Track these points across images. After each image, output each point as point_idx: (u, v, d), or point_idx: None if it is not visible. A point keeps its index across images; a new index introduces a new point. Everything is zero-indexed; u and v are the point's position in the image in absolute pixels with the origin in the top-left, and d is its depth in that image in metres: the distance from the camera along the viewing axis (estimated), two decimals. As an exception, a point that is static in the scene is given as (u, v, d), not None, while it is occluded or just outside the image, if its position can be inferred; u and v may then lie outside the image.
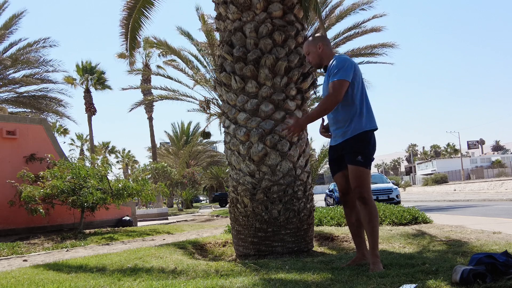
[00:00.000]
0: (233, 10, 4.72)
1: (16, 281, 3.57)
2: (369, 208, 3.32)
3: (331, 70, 3.40)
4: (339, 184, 3.63)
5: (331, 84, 3.34)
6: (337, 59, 3.45)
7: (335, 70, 3.36)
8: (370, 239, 3.32)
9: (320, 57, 3.59)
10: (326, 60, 3.57)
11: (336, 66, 3.37)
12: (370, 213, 3.31)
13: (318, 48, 3.59)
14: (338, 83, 3.32)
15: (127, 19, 6.42)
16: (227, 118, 4.88)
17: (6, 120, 10.89)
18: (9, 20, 18.02)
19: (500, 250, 3.68)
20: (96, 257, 5.10)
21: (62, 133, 39.75)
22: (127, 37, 6.57)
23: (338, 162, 3.58)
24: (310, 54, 3.64)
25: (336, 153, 3.57)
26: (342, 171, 3.56)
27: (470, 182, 41.74)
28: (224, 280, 2.92)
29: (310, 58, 3.66)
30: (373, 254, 3.27)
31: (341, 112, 3.44)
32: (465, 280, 2.43)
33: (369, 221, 3.31)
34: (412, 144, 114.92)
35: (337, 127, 3.49)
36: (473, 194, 27.04)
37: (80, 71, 26.72)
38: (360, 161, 3.34)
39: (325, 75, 3.55)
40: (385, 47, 15.24)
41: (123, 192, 10.26)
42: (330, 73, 3.40)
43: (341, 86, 3.32)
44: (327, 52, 3.60)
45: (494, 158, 72.34)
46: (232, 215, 4.89)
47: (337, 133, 3.50)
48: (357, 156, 3.35)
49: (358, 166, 3.34)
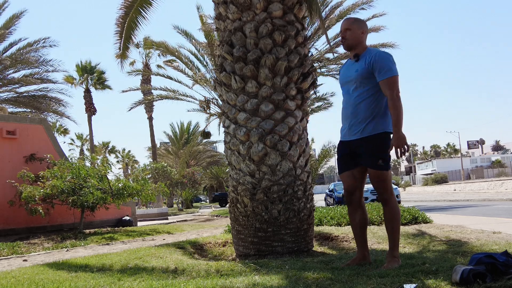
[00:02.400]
0: (233, 10, 4.72)
1: (16, 281, 3.57)
2: (389, 209, 3.32)
3: (377, 64, 3.25)
4: (346, 183, 3.52)
5: (386, 82, 3.23)
6: (382, 53, 3.34)
7: (384, 65, 3.24)
8: (390, 238, 3.33)
9: (358, 40, 3.42)
10: (359, 48, 3.42)
11: (385, 61, 3.26)
12: (392, 213, 3.31)
13: (361, 32, 3.43)
14: (393, 80, 3.23)
15: (123, 18, 6.36)
16: (227, 118, 4.88)
17: (6, 120, 10.89)
18: (9, 20, 18.02)
19: (500, 250, 3.68)
20: (96, 257, 5.10)
21: (62, 133, 39.75)
22: (121, 36, 6.49)
23: (348, 159, 3.46)
24: (350, 32, 3.42)
25: (348, 149, 3.44)
26: (351, 170, 3.46)
27: (470, 182, 41.74)
28: (224, 280, 2.92)
29: (347, 34, 3.42)
30: (391, 255, 3.27)
31: (363, 107, 3.33)
32: (465, 280, 2.43)
33: (390, 220, 3.32)
34: (412, 144, 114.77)
35: (355, 122, 3.35)
36: (473, 194, 27.04)
37: (80, 71, 26.73)
38: (382, 165, 3.27)
39: (355, 64, 3.40)
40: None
41: (123, 192, 10.26)
42: (374, 68, 3.26)
43: (396, 82, 3.23)
44: (364, 40, 3.45)
45: (494, 158, 72.31)
46: (232, 215, 4.88)
47: (354, 129, 3.36)
48: (377, 160, 3.27)
49: (381, 171, 3.28)
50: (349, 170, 3.47)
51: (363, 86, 3.33)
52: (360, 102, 3.33)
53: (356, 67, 3.38)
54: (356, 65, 3.39)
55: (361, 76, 3.33)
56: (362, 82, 3.33)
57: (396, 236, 3.31)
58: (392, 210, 3.31)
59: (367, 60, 3.32)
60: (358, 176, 3.48)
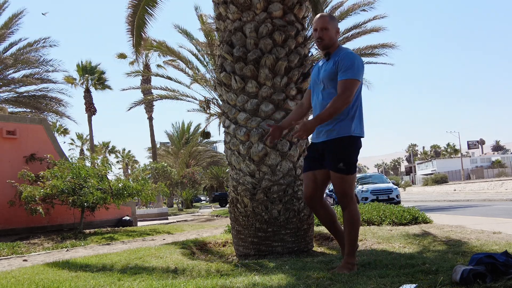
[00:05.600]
0: (233, 10, 4.72)
1: (16, 281, 3.57)
2: (347, 214, 3.24)
3: (342, 64, 3.13)
4: (305, 185, 3.41)
5: (342, 83, 3.09)
6: (349, 54, 3.18)
7: (346, 66, 3.11)
8: (347, 243, 3.22)
9: (332, 40, 3.27)
10: (333, 47, 3.28)
11: (349, 62, 3.12)
12: (350, 218, 3.22)
13: (336, 31, 3.31)
14: (350, 82, 3.08)
15: (132, 17, 6.53)
16: (227, 118, 4.88)
17: (6, 120, 10.90)
18: (9, 19, 18.03)
19: (500, 250, 3.68)
20: (96, 257, 5.10)
21: (62, 133, 39.80)
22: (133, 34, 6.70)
23: (315, 160, 3.35)
24: (325, 31, 3.24)
25: (316, 152, 3.35)
26: (312, 170, 3.36)
27: (470, 182, 41.74)
28: (224, 280, 2.92)
29: (323, 34, 3.24)
30: (346, 260, 3.17)
31: None
32: (465, 280, 2.43)
33: (347, 225, 3.24)
34: (412, 144, 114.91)
35: (322, 124, 3.21)
36: (473, 194, 27.04)
37: (80, 71, 26.72)
38: (342, 168, 3.16)
39: (326, 63, 3.29)
40: (385, 48, 15.26)
41: (123, 192, 10.27)
42: (339, 67, 3.13)
43: (353, 86, 3.08)
44: (337, 39, 3.33)
45: (494, 158, 72.37)
46: (232, 215, 4.89)
47: (321, 130, 3.25)
48: (339, 163, 3.16)
49: (340, 174, 3.18)
50: (311, 171, 3.37)
51: (330, 87, 3.22)
52: (327, 103, 3.18)
53: (325, 67, 3.27)
54: (325, 65, 3.28)
55: (328, 76, 3.21)
56: (329, 82, 3.22)
57: (353, 242, 3.20)
58: (350, 214, 3.22)
59: (335, 59, 3.20)
60: (320, 178, 3.37)
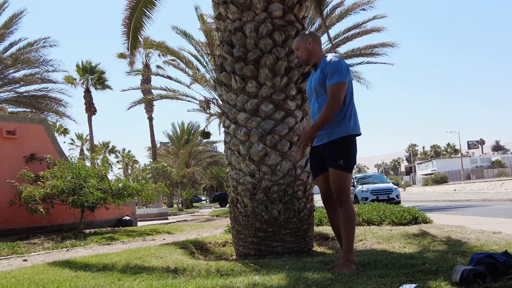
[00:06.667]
0: (233, 10, 4.72)
1: (16, 281, 3.57)
2: (344, 211, 3.32)
3: (327, 70, 3.32)
4: (321, 187, 3.58)
5: (330, 88, 3.28)
6: (332, 59, 3.35)
7: (331, 71, 3.29)
8: (344, 240, 3.31)
9: (309, 53, 3.51)
10: (315, 58, 3.50)
11: (332, 67, 3.29)
12: (347, 215, 3.31)
13: (308, 44, 3.50)
14: (337, 86, 3.26)
15: (129, 19, 6.47)
16: (227, 118, 4.88)
17: (6, 120, 10.90)
18: (9, 19, 18.03)
19: (500, 250, 3.68)
20: (96, 257, 5.10)
21: (62, 133, 39.79)
22: (128, 36, 6.63)
23: (320, 163, 3.51)
24: (299, 49, 3.55)
25: (318, 154, 3.50)
26: (323, 173, 3.50)
27: (470, 182, 41.73)
28: (224, 280, 2.92)
29: (299, 53, 3.56)
30: (345, 258, 3.25)
31: None
32: (465, 280, 2.43)
33: (344, 222, 3.32)
34: (412, 144, 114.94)
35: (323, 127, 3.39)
36: (473, 194, 27.03)
37: (80, 71, 26.72)
38: (342, 165, 3.31)
39: (315, 73, 3.49)
40: (385, 47, 15.26)
41: (123, 192, 10.27)
42: (326, 74, 3.32)
43: (340, 89, 3.25)
44: (316, 49, 3.52)
45: (494, 158, 72.37)
46: (232, 215, 4.89)
47: (322, 134, 3.40)
48: (339, 160, 3.32)
49: (340, 171, 3.32)
50: (322, 174, 3.51)
51: (324, 93, 3.38)
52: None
53: (315, 76, 3.46)
54: (314, 74, 3.48)
55: (318, 84, 3.39)
56: (320, 90, 3.39)
57: (350, 239, 3.30)
58: (348, 211, 3.32)
59: (322, 67, 3.39)
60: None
